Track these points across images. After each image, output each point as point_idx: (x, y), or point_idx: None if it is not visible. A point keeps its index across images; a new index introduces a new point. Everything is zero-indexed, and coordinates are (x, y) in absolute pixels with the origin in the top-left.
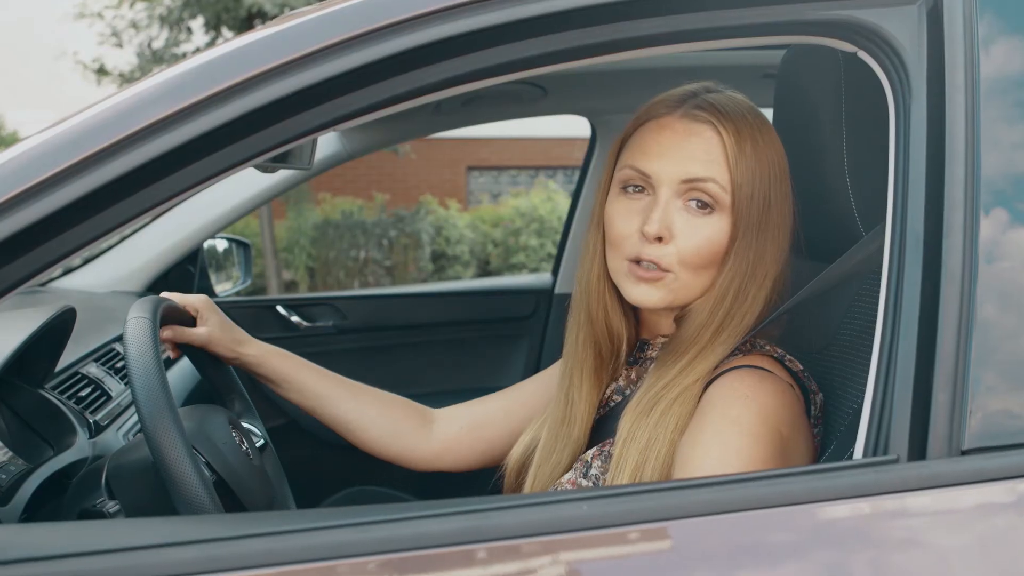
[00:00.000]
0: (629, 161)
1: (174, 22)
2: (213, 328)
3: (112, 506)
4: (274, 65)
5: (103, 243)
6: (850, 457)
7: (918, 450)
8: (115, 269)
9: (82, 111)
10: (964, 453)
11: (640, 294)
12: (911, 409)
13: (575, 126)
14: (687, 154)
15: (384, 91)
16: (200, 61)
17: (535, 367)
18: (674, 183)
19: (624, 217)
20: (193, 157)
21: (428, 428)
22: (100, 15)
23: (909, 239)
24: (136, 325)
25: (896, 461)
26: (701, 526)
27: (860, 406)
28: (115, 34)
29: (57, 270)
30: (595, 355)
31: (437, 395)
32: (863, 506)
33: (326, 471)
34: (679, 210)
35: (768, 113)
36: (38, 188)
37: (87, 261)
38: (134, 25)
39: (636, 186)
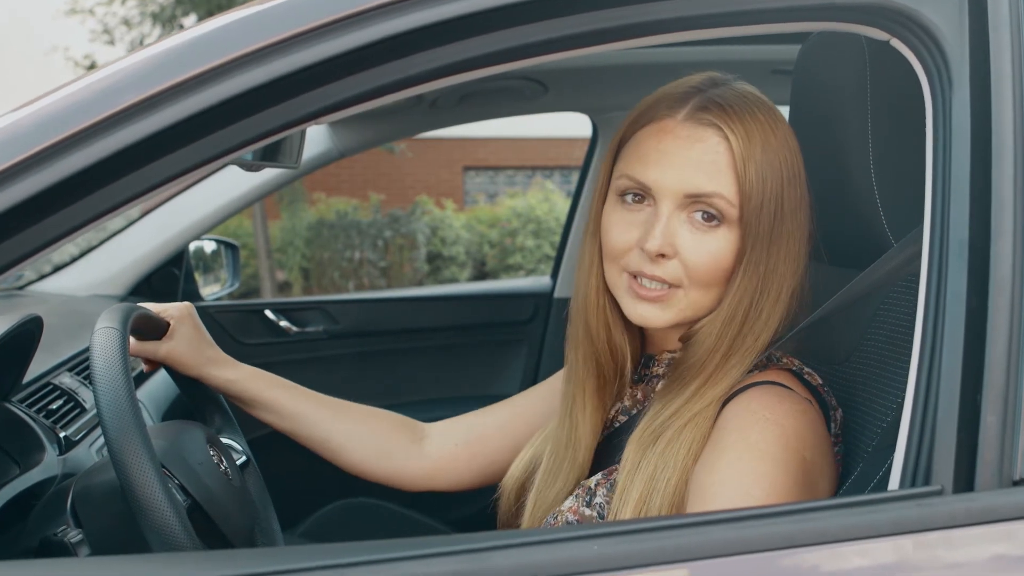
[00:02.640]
0: (627, 170)
1: (166, 19)
2: (178, 344)
3: (75, 535)
4: (252, 49)
5: (77, 244)
6: (880, 482)
7: (965, 480)
8: (96, 272)
9: (43, 96)
10: (1016, 483)
11: (644, 313)
12: (956, 434)
13: (572, 126)
14: (691, 164)
15: (374, 79)
16: (169, 45)
17: (534, 373)
18: (677, 196)
19: (622, 228)
20: (163, 149)
21: (420, 445)
22: (92, 11)
23: (952, 245)
24: (104, 336)
25: (940, 493)
26: (725, 568)
27: (889, 425)
28: (107, 31)
29: (43, 268)
30: (597, 374)
31: (432, 403)
32: (905, 544)
33: (315, 482)
34: (682, 223)
35: (783, 111)
36: None
37: (74, 259)
38: (126, 22)
39: (635, 194)
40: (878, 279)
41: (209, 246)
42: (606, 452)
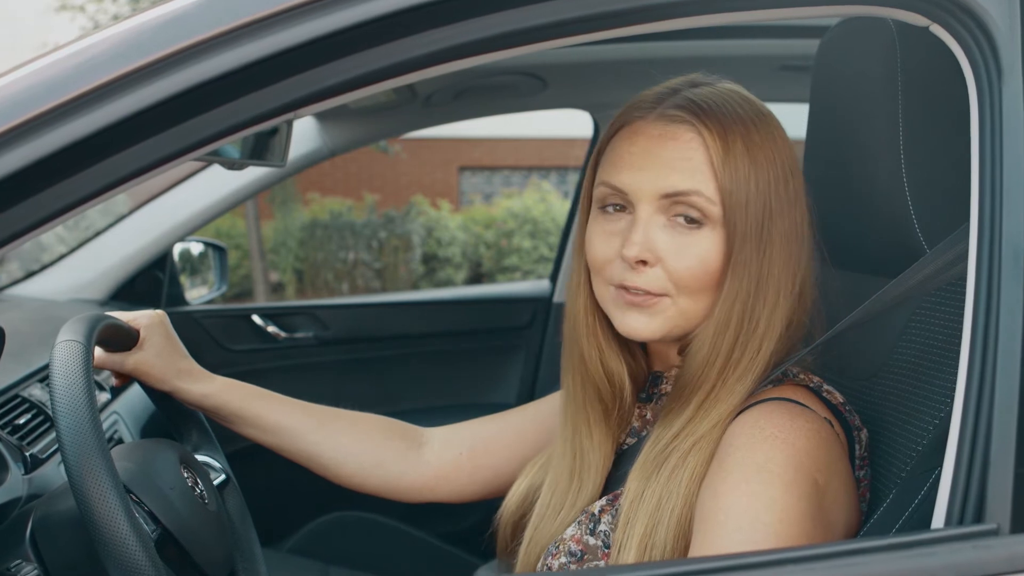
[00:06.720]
0: (603, 176)
1: None
2: (147, 356)
3: (30, 571)
4: (223, 31)
5: (66, 243)
6: (916, 511)
7: (1023, 518)
8: (77, 274)
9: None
10: None
11: (632, 323)
12: (1014, 466)
13: (569, 126)
14: (664, 163)
15: (361, 64)
16: (140, 22)
17: (532, 381)
18: (653, 198)
19: (603, 239)
20: (136, 136)
21: (418, 452)
22: (82, 8)
23: (1005, 251)
24: (65, 350)
25: (996, 533)
26: None
27: (925, 449)
28: (97, 28)
29: (31, 267)
30: (598, 399)
31: (426, 411)
32: None
33: (302, 495)
34: (663, 227)
35: (796, 109)
36: None
37: (62, 258)
38: (116, 19)
39: (615, 204)
40: (910, 288)
41: (195, 248)
42: (612, 477)
